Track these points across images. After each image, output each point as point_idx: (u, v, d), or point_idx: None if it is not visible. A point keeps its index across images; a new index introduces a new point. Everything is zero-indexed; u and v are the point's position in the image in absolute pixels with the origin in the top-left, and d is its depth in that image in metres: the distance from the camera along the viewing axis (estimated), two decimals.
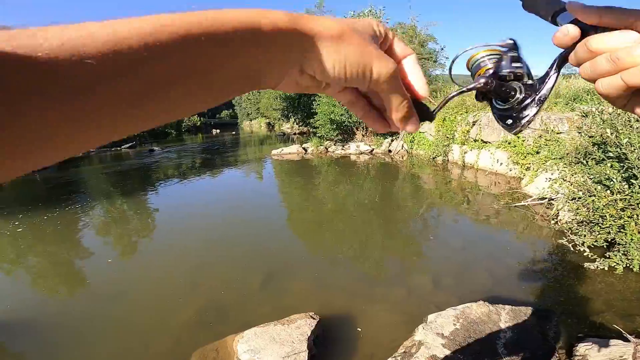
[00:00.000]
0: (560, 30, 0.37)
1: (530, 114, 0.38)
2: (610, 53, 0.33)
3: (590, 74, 0.35)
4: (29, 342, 2.74)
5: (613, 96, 0.35)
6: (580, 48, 0.36)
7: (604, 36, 0.34)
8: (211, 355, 2.35)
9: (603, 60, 0.34)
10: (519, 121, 0.39)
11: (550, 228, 4.38)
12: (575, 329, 2.50)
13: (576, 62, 0.36)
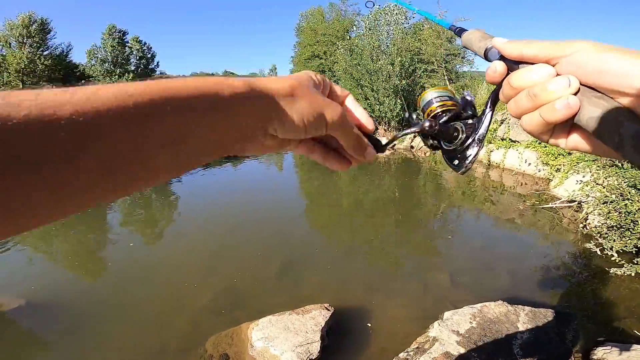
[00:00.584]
0: (489, 68, 0.37)
1: (473, 154, 0.39)
2: (528, 89, 0.33)
3: (515, 111, 0.35)
4: (50, 322, 2.87)
5: (536, 132, 0.35)
6: (505, 85, 0.35)
7: (523, 72, 0.33)
8: (226, 341, 2.40)
9: (523, 97, 0.33)
10: (464, 161, 0.40)
11: (578, 232, 4.20)
12: (594, 333, 2.43)
13: (504, 99, 0.37)
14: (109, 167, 0.22)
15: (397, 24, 12.24)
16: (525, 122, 0.34)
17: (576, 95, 0.31)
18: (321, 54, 21.96)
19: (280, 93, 0.32)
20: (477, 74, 13.85)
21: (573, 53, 0.31)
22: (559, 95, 0.31)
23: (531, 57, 0.34)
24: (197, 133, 0.26)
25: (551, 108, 0.31)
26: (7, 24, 22.36)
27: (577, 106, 0.30)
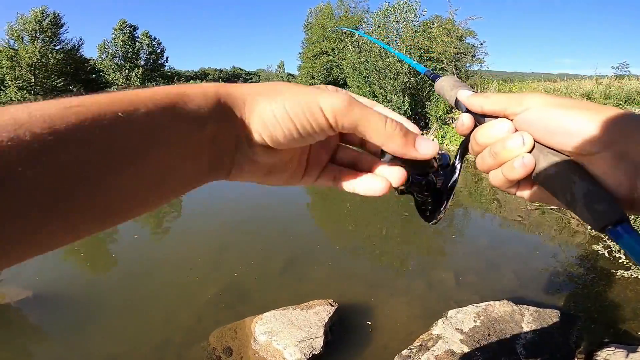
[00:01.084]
0: (458, 120, 0.37)
1: (444, 205, 0.38)
2: (490, 147, 0.33)
3: (482, 168, 0.35)
4: (56, 314, 2.90)
5: (503, 188, 0.35)
6: (472, 140, 0.35)
7: (485, 128, 0.34)
8: (229, 335, 2.42)
9: (487, 155, 0.34)
10: (435, 213, 0.39)
11: (586, 233, 4.15)
12: (598, 335, 2.41)
13: (473, 153, 0.36)
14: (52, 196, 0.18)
15: (406, 21, 12.14)
16: (492, 178, 0.35)
17: (531, 153, 0.31)
18: (329, 50, 21.89)
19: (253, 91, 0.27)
20: (488, 73, 13.71)
21: (525, 110, 0.32)
22: (516, 154, 0.31)
23: (491, 112, 0.34)
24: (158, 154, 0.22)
25: (510, 166, 0.32)
26: (20, 19, 22.66)
27: (532, 164, 0.31)
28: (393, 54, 11.80)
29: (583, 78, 9.55)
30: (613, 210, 0.27)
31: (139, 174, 0.21)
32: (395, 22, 12.27)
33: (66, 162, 0.18)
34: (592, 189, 0.28)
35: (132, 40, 27.45)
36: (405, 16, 12.15)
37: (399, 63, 11.38)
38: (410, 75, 11.59)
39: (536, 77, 19.52)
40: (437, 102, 10.87)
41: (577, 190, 0.29)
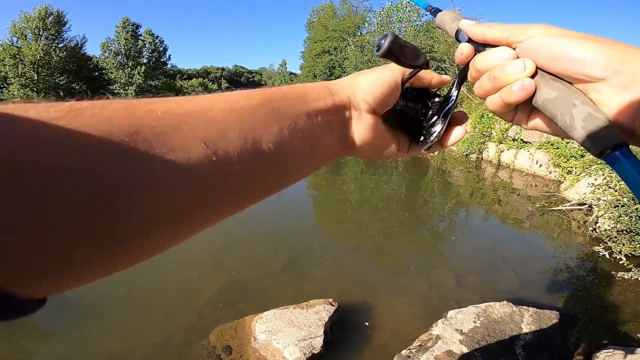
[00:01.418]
0: (457, 49, 0.38)
1: (438, 130, 0.40)
2: (489, 72, 0.34)
3: (479, 92, 0.36)
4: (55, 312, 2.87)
5: (499, 112, 0.36)
6: (470, 67, 0.37)
7: (485, 54, 0.35)
8: (229, 333, 2.43)
9: (485, 80, 0.34)
10: (429, 137, 0.40)
11: (587, 235, 4.15)
12: (598, 336, 2.41)
13: (471, 80, 0.38)
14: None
15: (409, 21, 12.13)
16: (489, 102, 0.36)
17: (533, 79, 0.31)
18: (331, 49, 21.87)
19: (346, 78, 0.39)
20: None
21: (529, 38, 0.32)
22: (515, 78, 0.32)
23: (493, 39, 0.34)
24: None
25: (509, 90, 0.32)
26: (24, 17, 22.73)
27: (532, 88, 0.31)
28: None
29: None
30: (612, 135, 0.27)
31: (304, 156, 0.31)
32: (398, 22, 12.25)
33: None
34: (592, 114, 0.28)
35: (134, 39, 27.48)
36: (407, 16, 12.13)
37: None
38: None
39: None
40: None
41: (577, 114, 0.29)
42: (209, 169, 0.21)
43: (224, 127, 0.23)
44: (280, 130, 0.27)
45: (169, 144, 0.19)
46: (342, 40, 19.73)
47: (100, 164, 0.16)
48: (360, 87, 0.36)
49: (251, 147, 0.24)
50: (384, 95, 0.37)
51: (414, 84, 0.41)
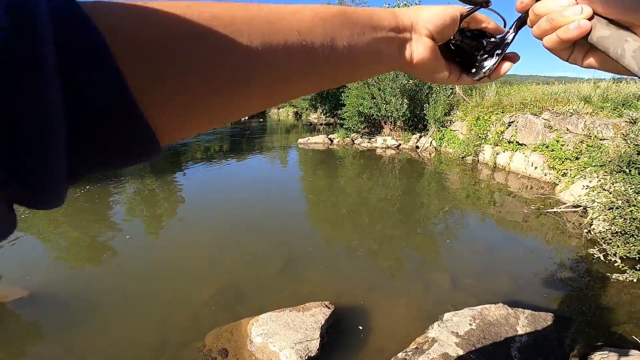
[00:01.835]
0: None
1: (490, 64, 0.45)
2: (548, 15, 0.39)
3: (537, 33, 0.41)
4: (52, 314, 2.89)
5: (555, 49, 0.40)
6: (530, 12, 0.41)
7: (545, 2, 0.39)
8: (225, 336, 2.42)
9: (544, 22, 0.39)
10: (481, 69, 0.45)
11: (582, 237, 4.17)
12: (593, 338, 2.43)
13: (530, 24, 0.42)
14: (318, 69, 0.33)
15: None
16: (545, 41, 0.40)
17: (589, 21, 0.36)
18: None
19: (411, 8, 0.43)
20: None
21: None
22: (572, 20, 0.36)
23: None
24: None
25: (565, 29, 0.37)
26: None
27: (587, 28, 0.36)
28: None
29: (581, 81, 9.58)
30: None
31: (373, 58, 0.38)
32: None
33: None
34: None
35: None
36: None
37: None
38: (409, 77, 11.60)
39: (535, 79, 19.55)
40: (435, 105, 10.88)
41: (628, 47, 0.34)
42: (299, 50, 0.29)
43: (311, 25, 0.31)
44: (351, 35, 0.34)
45: (276, 29, 0.28)
46: None
47: (222, 35, 0.25)
48: (422, 15, 0.41)
49: (330, 42, 0.32)
50: (444, 25, 0.42)
51: (470, 26, 0.46)
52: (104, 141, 0.21)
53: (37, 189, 0.18)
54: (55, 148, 0.18)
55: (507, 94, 9.35)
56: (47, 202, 0.20)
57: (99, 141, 0.20)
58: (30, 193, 0.18)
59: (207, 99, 0.25)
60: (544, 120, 7.26)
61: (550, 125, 7.08)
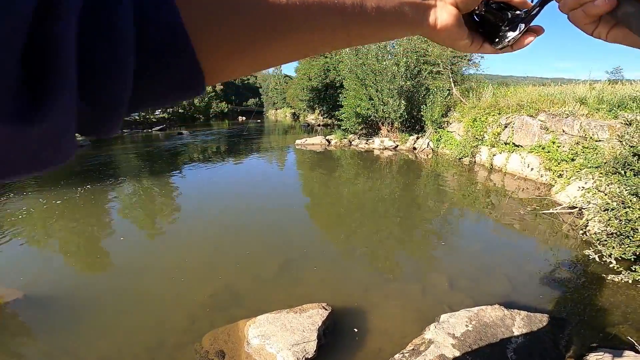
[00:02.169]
0: None
1: (513, 35, 0.46)
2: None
3: (564, 9, 0.42)
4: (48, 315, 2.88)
5: (580, 24, 0.41)
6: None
7: None
8: (222, 338, 2.42)
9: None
10: (504, 40, 0.46)
11: (577, 238, 4.20)
12: (588, 339, 2.44)
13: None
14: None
15: None
16: (571, 15, 0.41)
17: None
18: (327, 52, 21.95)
19: None
20: (483, 76, 13.78)
21: None
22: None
23: None
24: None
25: (591, 4, 0.38)
26: None
27: (613, 3, 0.37)
28: (389, 58, 11.85)
29: (577, 83, 9.63)
30: None
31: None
32: None
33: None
34: None
35: None
36: None
37: (395, 66, 11.43)
38: (407, 79, 11.63)
39: (531, 81, 19.65)
40: (432, 106, 10.91)
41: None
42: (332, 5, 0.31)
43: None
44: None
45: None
46: None
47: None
48: None
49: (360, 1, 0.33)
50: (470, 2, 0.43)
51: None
52: (158, 75, 0.23)
53: (105, 109, 0.20)
54: (124, 71, 0.20)
55: (504, 95, 9.40)
56: (107, 125, 0.22)
57: (154, 75, 0.22)
58: (97, 113, 0.20)
59: (251, 44, 0.27)
60: (540, 122, 7.30)
61: (547, 127, 7.12)
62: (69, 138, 0.19)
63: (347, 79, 13.41)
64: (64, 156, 0.20)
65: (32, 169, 0.18)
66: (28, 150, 0.17)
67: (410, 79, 11.73)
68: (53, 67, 0.16)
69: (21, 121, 0.16)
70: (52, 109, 0.17)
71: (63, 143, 0.19)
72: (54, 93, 0.17)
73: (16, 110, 0.15)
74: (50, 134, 0.17)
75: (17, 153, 0.17)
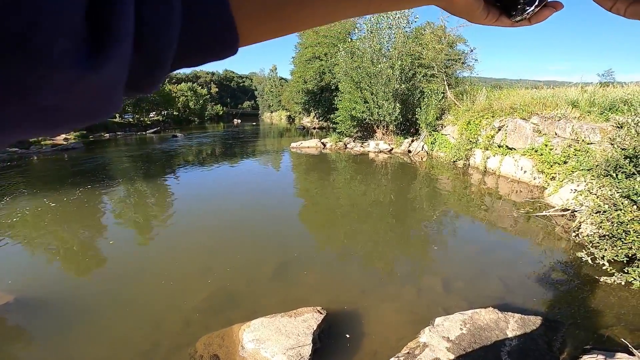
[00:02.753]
0: None
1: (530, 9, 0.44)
2: None
3: None
4: (40, 319, 2.86)
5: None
6: None
7: None
8: (217, 342, 2.40)
9: None
10: (521, 12, 0.45)
11: (570, 240, 4.24)
12: (582, 341, 2.46)
13: None
14: None
15: (398, 27, 12.28)
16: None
17: None
18: (322, 55, 21.99)
19: None
20: (477, 79, 13.91)
21: None
22: None
23: None
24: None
25: None
26: None
27: None
28: (384, 60, 11.91)
29: (569, 85, 9.75)
30: None
31: None
32: (388, 28, 12.40)
33: None
34: None
35: None
36: (397, 22, 12.29)
37: (390, 69, 11.49)
38: (402, 82, 11.70)
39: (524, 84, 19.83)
40: (427, 109, 10.98)
41: None
42: None
43: None
44: None
45: None
46: (332, 46, 19.83)
47: None
48: None
49: None
50: None
51: None
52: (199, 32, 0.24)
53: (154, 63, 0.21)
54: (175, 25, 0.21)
55: (497, 98, 9.49)
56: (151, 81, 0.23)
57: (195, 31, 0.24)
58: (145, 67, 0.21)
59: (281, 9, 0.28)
60: (532, 125, 7.37)
61: (539, 130, 7.19)
62: (119, 89, 0.20)
63: (342, 81, 13.46)
64: (114, 108, 0.21)
65: (86, 119, 0.20)
66: (85, 98, 0.18)
67: (405, 82, 11.80)
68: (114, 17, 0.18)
69: (84, 68, 0.17)
70: (112, 58, 0.18)
71: (115, 94, 0.20)
72: (115, 42, 0.18)
73: (80, 57, 0.17)
74: (107, 83, 0.18)
75: (76, 101, 0.18)
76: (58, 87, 0.17)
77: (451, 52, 12.60)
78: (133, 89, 0.23)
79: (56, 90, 0.17)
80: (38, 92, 0.16)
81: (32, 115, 0.17)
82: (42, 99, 0.17)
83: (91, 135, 20.22)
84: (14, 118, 0.17)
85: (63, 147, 14.52)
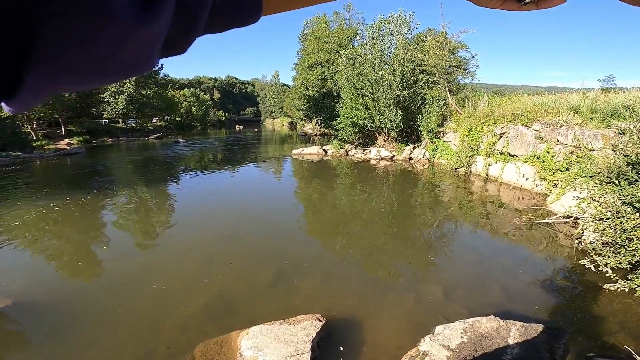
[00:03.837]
0: None
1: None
2: None
3: None
4: (37, 323, 2.84)
5: None
6: None
7: None
8: (214, 349, 2.38)
9: None
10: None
11: (572, 247, 4.20)
12: (585, 349, 2.42)
13: None
14: None
15: (400, 34, 12.36)
16: None
17: None
18: (324, 62, 22.12)
19: None
20: (479, 86, 13.93)
21: None
22: None
23: None
24: None
25: None
26: None
27: None
28: (386, 67, 11.97)
29: (570, 92, 9.75)
30: None
31: None
32: (389, 35, 12.48)
33: None
34: None
35: None
36: (398, 29, 12.38)
37: (391, 76, 11.54)
38: (403, 88, 11.74)
39: (526, 90, 19.85)
40: (428, 116, 11.00)
41: None
42: None
43: None
44: None
45: None
46: (334, 53, 19.95)
47: None
48: None
49: None
50: None
51: None
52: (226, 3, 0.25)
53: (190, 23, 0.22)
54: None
55: (499, 104, 9.49)
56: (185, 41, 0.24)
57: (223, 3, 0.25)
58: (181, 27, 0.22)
59: None
60: (534, 131, 7.36)
61: (541, 136, 7.18)
62: (159, 47, 0.21)
63: (344, 88, 13.52)
64: (152, 64, 0.22)
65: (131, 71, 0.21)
66: (134, 51, 0.19)
67: (407, 88, 11.84)
68: None
69: (138, 21, 0.18)
70: (162, 14, 0.19)
71: (156, 50, 0.21)
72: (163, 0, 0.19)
73: (135, 10, 0.18)
74: (154, 37, 0.20)
75: (125, 52, 0.19)
76: (114, 38, 0.18)
77: (452, 59, 12.63)
78: (169, 49, 0.24)
79: (112, 41, 0.18)
80: (96, 42, 0.17)
81: (87, 64, 0.18)
82: (99, 48, 0.18)
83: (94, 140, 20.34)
84: (70, 66, 0.18)
85: (66, 152, 14.61)
